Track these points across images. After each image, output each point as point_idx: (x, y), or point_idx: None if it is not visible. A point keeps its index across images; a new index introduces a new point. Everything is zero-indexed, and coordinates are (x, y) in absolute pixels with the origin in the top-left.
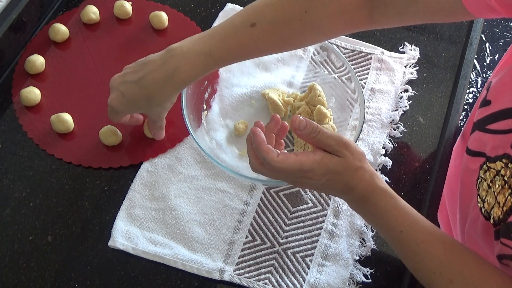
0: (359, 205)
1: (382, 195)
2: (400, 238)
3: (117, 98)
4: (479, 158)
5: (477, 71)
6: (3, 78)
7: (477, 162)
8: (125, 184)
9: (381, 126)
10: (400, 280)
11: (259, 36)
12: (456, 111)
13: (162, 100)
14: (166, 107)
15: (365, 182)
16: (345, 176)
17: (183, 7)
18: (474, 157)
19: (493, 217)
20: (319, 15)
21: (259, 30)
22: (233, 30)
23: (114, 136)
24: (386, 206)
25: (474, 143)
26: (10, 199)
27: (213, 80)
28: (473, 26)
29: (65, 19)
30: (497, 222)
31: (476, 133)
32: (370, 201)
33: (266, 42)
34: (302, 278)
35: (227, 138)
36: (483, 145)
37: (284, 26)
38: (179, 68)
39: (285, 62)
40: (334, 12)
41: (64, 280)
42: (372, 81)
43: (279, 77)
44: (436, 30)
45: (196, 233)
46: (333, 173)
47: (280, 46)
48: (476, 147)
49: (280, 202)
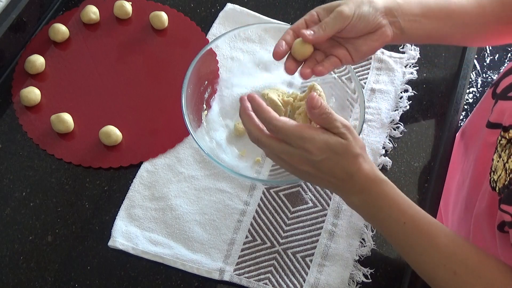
0: (359, 198)
1: (383, 186)
2: (403, 230)
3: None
4: (497, 131)
5: (477, 71)
6: (3, 78)
7: (495, 134)
8: (125, 184)
9: (381, 126)
10: (400, 280)
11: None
12: (456, 111)
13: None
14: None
15: (365, 171)
16: (344, 159)
17: (183, 7)
18: (493, 129)
19: (498, 186)
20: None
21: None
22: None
23: (114, 136)
24: (389, 197)
25: (495, 114)
26: (10, 199)
27: (213, 80)
28: None
29: (65, 19)
30: (502, 190)
31: (499, 103)
32: (372, 192)
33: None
34: (302, 278)
35: (227, 138)
36: (502, 115)
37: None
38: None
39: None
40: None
41: (64, 280)
42: (372, 81)
43: (279, 77)
44: None
45: (196, 233)
46: (332, 151)
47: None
48: (495, 119)
49: (280, 202)
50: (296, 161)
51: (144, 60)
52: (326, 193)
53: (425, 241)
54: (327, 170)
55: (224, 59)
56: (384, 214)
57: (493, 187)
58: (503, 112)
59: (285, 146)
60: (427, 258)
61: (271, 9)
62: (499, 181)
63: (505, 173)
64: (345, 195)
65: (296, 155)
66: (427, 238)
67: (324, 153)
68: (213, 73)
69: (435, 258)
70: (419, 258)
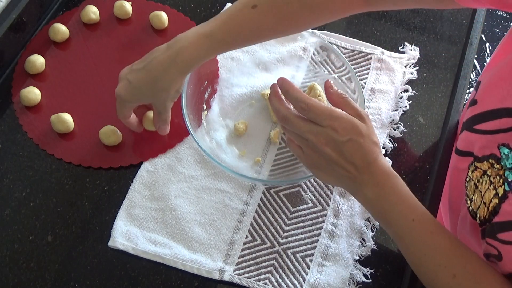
0: (374, 191)
1: (397, 181)
2: (411, 227)
3: (123, 86)
4: (468, 158)
5: (477, 71)
6: (3, 78)
7: (466, 161)
8: (125, 184)
9: (381, 126)
10: (400, 280)
11: (259, 17)
12: (456, 111)
13: (167, 84)
14: (171, 95)
15: (381, 163)
16: (366, 144)
17: (183, 7)
18: (463, 156)
19: (479, 217)
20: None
21: (259, 11)
22: (234, 12)
23: (114, 136)
24: (401, 192)
25: (462, 143)
26: (10, 199)
27: (213, 80)
28: (473, 26)
29: (65, 19)
30: (483, 222)
31: (465, 133)
32: (386, 186)
33: (266, 22)
34: (302, 278)
35: (227, 138)
36: (471, 145)
37: (283, 6)
38: (182, 50)
39: (285, 62)
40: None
41: (64, 280)
42: (372, 81)
43: (279, 77)
44: (436, 30)
45: (196, 233)
46: (357, 133)
47: (280, 28)
48: (464, 147)
49: (280, 202)
50: (320, 141)
51: None
52: (326, 193)
53: (430, 240)
54: (348, 154)
55: (224, 59)
56: (396, 209)
57: (473, 216)
58: (472, 143)
59: (311, 125)
60: (430, 258)
61: None
62: (479, 212)
63: (484, 206)
64: (358, 187)
65: (322, 134)
66: (432, 237)
67: (349, 133)
68: (213, 73)
69: (438, 259)
70: (422, 258)
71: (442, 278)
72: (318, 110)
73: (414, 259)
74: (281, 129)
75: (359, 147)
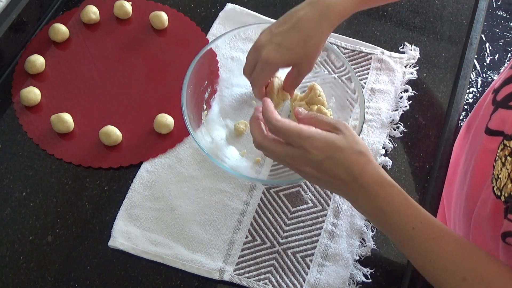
0: (366, 202)
1: (391, 190)
2: (412, 236)
3: (273, 49)
4: (498, 138)
5: (477, 71)
6: (3, 78)
7: (496, 141)
8: (125, 184)
9: (381, 126)
10: (400, 280)
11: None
12: (456, 111)
13: (319, 40)
14: (318, 51)
15: (370, 173)
16: (346, 157)
17: (183, 7)
18: (493, 136)
19: (504, 194)
20: None
21: None
22: None
23: (114, 136)
24: (397, 202)
25: (495, 121)
26: (10, 199)
27: (213, 80)
28: (473, 26)
29: (65, 19)
30: (508, 199)
31: (499, 111)
32: (379, 197)
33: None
34: (302, 278)
35: (227, 138)
36: (503, 124)
37: None
38: (332, 3)
39: None
40: None
41: (64, 280)
42: (372, 81)
43: (279, 76)
44: (436, 30)
45: (196, 233)
46: (332, 149)
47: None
48: (496, 126)
49: (280, 202)
50: (298, 163)
51: (144, 60)
52: (326, 193)
53: (434, 247)
54: (329, 171)
55: (224, 59)
56: (392, 220)
57: (497, 195)
58: (504, 120)
59: (286, 148)
60: (435, 264)
61: (271, 9)
62: (504, 190)
63: (511, 183)
64: (352, 199)
65: (297, 156)
66: (436, 243)
67: (324, 152)
68: (213, 73)
69: (444, 264)
70: (427, 264)
71: (451, 283)
72: (287, 131)
73: (418, 265)
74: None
75: (338, 163)
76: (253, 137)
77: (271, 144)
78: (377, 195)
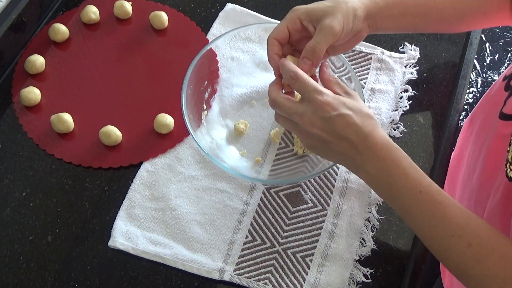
0: (375, 165)
1: (399, 153)
2: (419, 199)
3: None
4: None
5: (477, 71)
6: (3, 78)
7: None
8: (125, 184)
9: (381, 126)
10: (400, 280)
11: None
12: (456, 111)
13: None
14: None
15: (380, 134)
16: (358, 116)
17: (183, 7)
18: (507, 120)
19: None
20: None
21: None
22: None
23: (114, 136)
24: (405, 165)
25: (510, 106)
26: (10, 199)
27: (213, 80)
28: None
29: (65, 19)
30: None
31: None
32: (387, 159)
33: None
34: (302, 278)
35: (227, 138)
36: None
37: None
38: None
39: None
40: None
41: (64, 280)
42: (372, 81)
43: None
44: None
45: (196, 233)
46: (345, 107)
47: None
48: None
49: (280, 202)
50: (306, 121)
51: (144, 60)
52: (326, 193)
53: (441, 211)
54: (339, 130)
55: (224, 59)
56: (400, 183)
57: (510, 177)
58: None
59: (297, 105)
60: (441, 230)
61: (271, 9)
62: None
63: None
64: (359, 164)
65: (307, 113)
66: (442, 208)
67: (336, 109)
68: (213, 73)
69: (450, 230)
70: (433, 231)
71: (457, 249)
72: (305, 81)
73: (424, 232)
74: (281, 129)
75: (350, 120)
76: (269, 95)
77: (283, 100)
78: (385, 158)
